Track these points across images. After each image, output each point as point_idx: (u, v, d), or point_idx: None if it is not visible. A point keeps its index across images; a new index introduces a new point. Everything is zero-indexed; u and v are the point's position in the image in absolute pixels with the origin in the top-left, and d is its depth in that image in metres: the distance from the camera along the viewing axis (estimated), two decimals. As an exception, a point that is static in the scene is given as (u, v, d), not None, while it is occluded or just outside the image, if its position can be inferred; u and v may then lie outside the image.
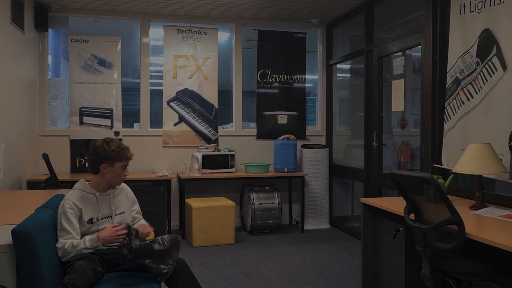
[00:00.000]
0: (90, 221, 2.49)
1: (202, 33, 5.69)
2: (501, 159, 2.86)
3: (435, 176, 2.38)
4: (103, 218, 2.54)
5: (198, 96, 5.71)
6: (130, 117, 6.06)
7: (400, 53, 4.59)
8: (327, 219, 5.83)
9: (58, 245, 2.32)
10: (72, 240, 2.35)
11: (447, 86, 3.59)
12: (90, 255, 2.35)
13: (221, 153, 5.40)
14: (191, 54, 5.68)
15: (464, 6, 3.40)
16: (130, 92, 6.18)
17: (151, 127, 5.64)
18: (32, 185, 4.73)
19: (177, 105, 5.65)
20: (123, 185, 2.77)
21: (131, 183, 5.06)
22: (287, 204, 5.99)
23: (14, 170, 4.36)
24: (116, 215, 2.60)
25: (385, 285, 3.09)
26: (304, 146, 5.77)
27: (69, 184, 4.77)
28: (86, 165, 2.59)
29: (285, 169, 5.45)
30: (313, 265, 4.20)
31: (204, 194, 5.70)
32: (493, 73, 3.11)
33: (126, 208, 2.69)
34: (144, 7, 5.31)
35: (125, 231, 2.40)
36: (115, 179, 2.58)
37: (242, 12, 5.51)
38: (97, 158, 2.52)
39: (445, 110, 3.61)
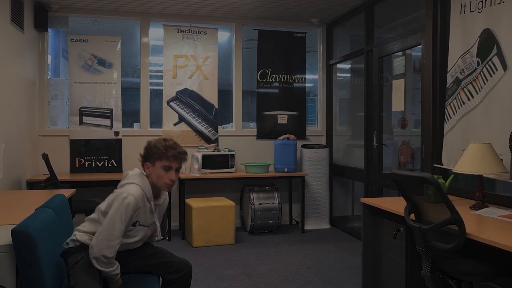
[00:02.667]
0: (134, 224, 2.29)
1: (202, 32, 5.69)
2: (502, 159, 2.85)
3: (435, 176, 2.38)
4: (142, 225, 2.35)
5: (198, 96, 5.71)
6: (130, 117, 6.06)
7: (400, 53, 4.59)
8: (327, 219, 5.83)
9: (105, 251, 2.13)
10: (114, 256, 2.18)
11: (447, 86, 3.59)
12: (93, 270, 2.19)
13: (221, 153, 5.40)
14: (191, 54, 5.68)
15: (465, 6, 3.40)
16: (130, 92, 6.18)
17: (151, 127, 5.64)
18: (32, 185, 4.72)
19: (177, 105, 5.65)
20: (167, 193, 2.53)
21: (131, 183, 5.09)
22: (287, 204, 5.99)
23: (14, 170, 4.35)
24: (149, 225, 2.40)
25: (385, 285, 3.09)
26: (304, 146, 5.77)
27: (69, 184, 4.78)
28: None
29: (285, 169, 5.45)
30: (313, 265, 4.19)
31: (204, 194, 5.70)
32: (494, 73, 3.11)
33: (159, 218, 2.50)
34: (144, 7, 5.31)
35: None
36: (158, 181, 2.31)
37: (242, 11, 5.50)
38: (143, 155, 2.35)
39: (446, 110, 3.61)
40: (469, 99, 3.35)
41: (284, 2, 5.17)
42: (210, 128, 5.74)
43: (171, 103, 5.64)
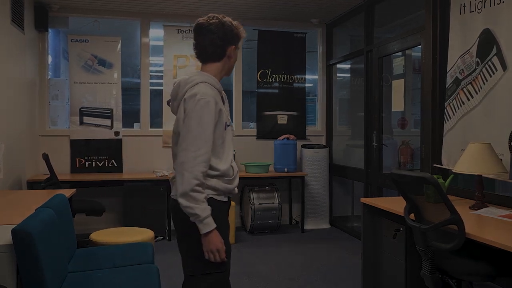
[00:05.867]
0: (225, 126, 1.93)
1: (202, 33, 5.68)
2: (501, 159, 2.86)
3: (435, 176, 2.38)
4: (229, 125, 1.98)
5: (198, 96, 5.70)
6: (130, 117, 6.06)
7: (400, 53, 4.59)
8: (327, 219, 5.83)
9: (187, 172, 1.75)
10: (202, 188, 1.78)
11: (447, 86, 3.59)
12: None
13: (221, 153, 5.39)
14: (191, 54, 5.67)
15: (464, 6, 3.40)
16: (130, 92, 6.18)
17: (151, 127, 5.64)
18: (32, 185, 4.73)
19: (177, 105, 5.64)
20: None
21: (131, 183, 5.12)
22: (287, 204, 5.99)
23: (14, 170, 4.36)
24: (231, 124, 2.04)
25: (385, 285, 3.09)
26: (304, 146, 5.78)
27: (69, 184, 4.78)
28: (204, 52, 1.96)
29: (285, 169, 5.45)
30: (313, 265, 4.20)
31: (204, 194, 5.69)
32: (493, 73, 3.11)
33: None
34: (144, 7, 5.31)
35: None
36: (230, 67, 2.04)
37: (242, 11, 5.51)
38: (226, 38, 1.96)
39: (445, 110, 3.61)
40: (468, 99, 3.35)
41: (284, 2, 5.17)
42: (210, 128, 5.74)
43: (171, 103, 5.63)
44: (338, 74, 6.17)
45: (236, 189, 2.04)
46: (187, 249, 1.94)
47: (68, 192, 3.44)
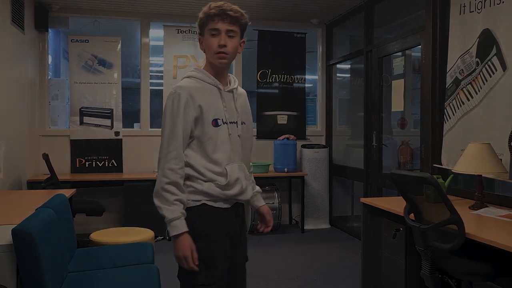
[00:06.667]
0: (215, 122, 1.81)
1: (202, 33, 5.69)
2: (501, 159, 2.86)
3: (435, 176, 2.38)
4: (231, 122, 1.86)
5: (198, 96, 5.70)
6: (130, 117, 6.07)
7: (400, 53, 4.59)
8: (327, 219, 5.83)
9: (160, 169, 1.73)
10: (179, 181, 1.72)
11: (447, 86, 3.59)
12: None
13: (221, 153, 5.39)
14: (191, 54, 5.68)
15: (464, 6, 3.40)
16: (130, 92, 6.19)
17: (151, 127, 5.64)
18: (32, 185, 4.73)
19: (177, 105, 5.64)
20: (242, 90, 2.00)
21: (132, 183, 5.11)
22: (287, 204, 5.99)
23: (14, 170, 4.36)
24: (242, 124, 1.92)
25: (385, 285, 3.09)
26: (304, 146, 5.78)
27: (69, 184, 4.78)
28: None
29: (285, 169, 5.45)
30: (313, 265, 4.20)
31: (204, 194, 5.69)
32: (493, 73, 3.12)
33: (249, 122, 2.00)
34: (144, 7, 5.31)
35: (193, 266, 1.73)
36: (210, 56, 1.80)
37: (242, 12, 5.50)
38: (199, 28, 1.84)
39: (445, 110, 3.61)
40: (468, 99, 3.35)
41: (284, 3, 5.17)
42: (210, 128, 5.74)
43: (171, 103, 5.63)
44: (338, 74, 6.17)
45: (244, 195, 1.89)
46: None
47: (68, 192, 3.44)
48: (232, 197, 1.83)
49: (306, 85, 6.13)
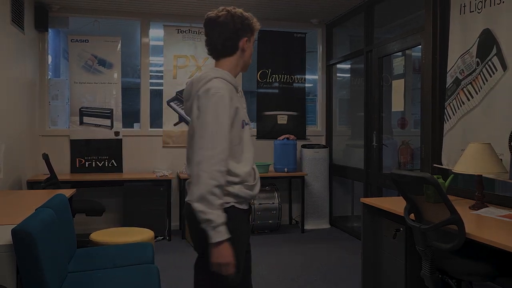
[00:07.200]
0: (243, 124, 1.81)
1: (202, 33, 5.69)
2: (501, 159, 2.86)
3: (435, 176, 2.38)
4: (248, 124, 1.87)
5: (198, 96, 5.70)
6: (130, 117, 6.07)
7: (400, 53, 4.59)
8: (327, 219, 5.83)
9: (204, 172, 1.61)
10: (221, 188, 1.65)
11: (447, 86, 3.59)
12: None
13: (221, 153, 5.39)
14: (191, 54, 5.68)
15: (464, 6, 3.40)
16: (130, 92, 6.19)
17: (151, 127, 5.64)
18: (32, 185, 4.73)
19: (177, 105, 5.65)
20: None
21: (132, 183, 5.11)
22: (287, 204, 5.99)
23: (14, 170, 4.36)
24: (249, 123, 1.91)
25: (385, 285, 3.09)
26: (304, 146, 5.78)
27: (69, 184, 4.78)
28: (215, 48, 1.86)
29: (285, 169, 5.45)
30: (313, 265, 4.20)
31: (204, 194, 5.69)
32: (493, 73, 3.11)
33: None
34: (144, 7, 5.31)
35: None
36: (247, 61, 1.92)
37: (242, 12, 5.51)
38: (236, 30, 1.84)
39: (445, 110, 3.61)
40: (468, 99, 3.35)
41: (284, 3, 5.17)
42: (210, 128, 5.74)
43: (171, 103, 5.64)
44: (338, 74, 6.17)
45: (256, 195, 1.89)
46: (207, 265, 1.70)
47: (68, 192, 3.44)
48: (253, 196, 1.83)
49: (306, 85, 6.13)
